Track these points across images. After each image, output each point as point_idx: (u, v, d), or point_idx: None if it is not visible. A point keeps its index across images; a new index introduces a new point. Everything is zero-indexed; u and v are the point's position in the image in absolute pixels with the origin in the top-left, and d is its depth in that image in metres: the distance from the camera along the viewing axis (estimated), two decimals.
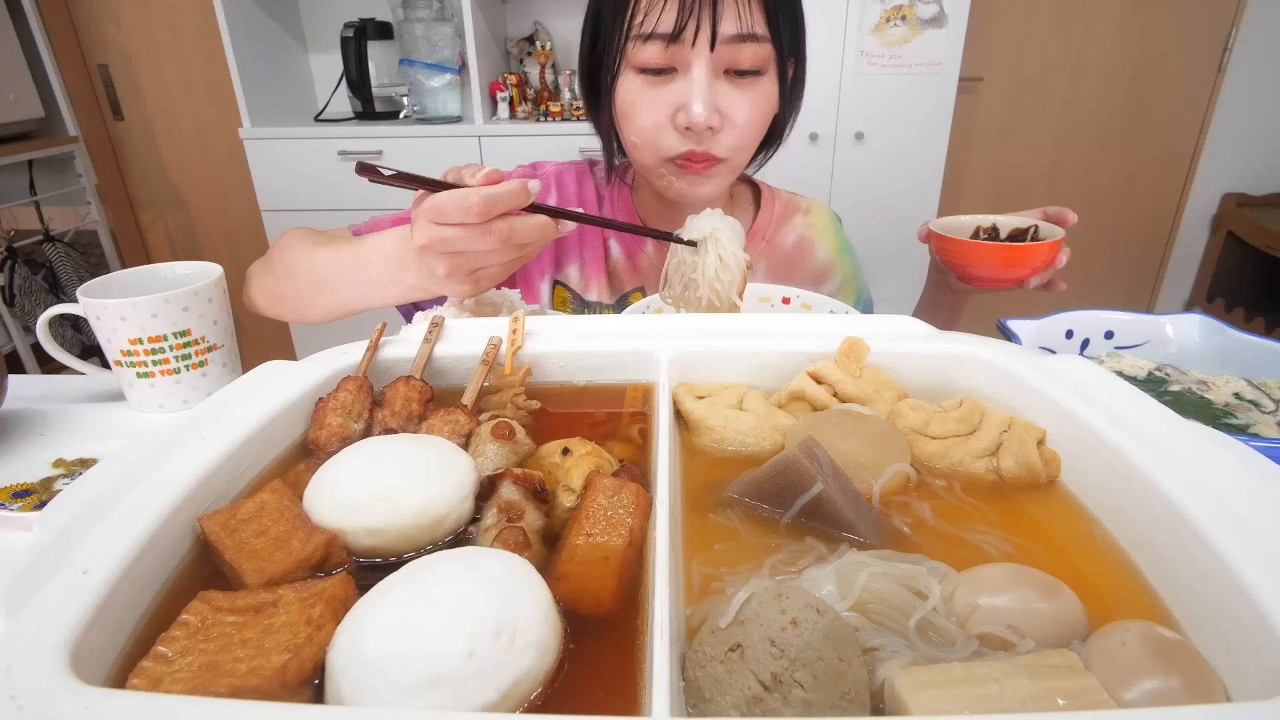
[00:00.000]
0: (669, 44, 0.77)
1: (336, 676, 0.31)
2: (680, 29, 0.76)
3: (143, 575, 0.36)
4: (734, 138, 0.83)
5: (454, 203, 0.60)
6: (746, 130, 0.84)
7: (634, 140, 0.86)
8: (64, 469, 0.62)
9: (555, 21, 2.71)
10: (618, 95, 0.85)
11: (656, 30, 0.77)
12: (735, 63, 0.79)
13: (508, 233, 0.62)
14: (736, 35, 0.77)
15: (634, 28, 0.79)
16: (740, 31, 0.77)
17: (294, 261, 0.82)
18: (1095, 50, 2.77)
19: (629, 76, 0.83)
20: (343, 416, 0.52)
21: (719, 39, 0.76)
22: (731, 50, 0.78)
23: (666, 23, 0.77)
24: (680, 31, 0.76)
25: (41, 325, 0.73)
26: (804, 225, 1.04)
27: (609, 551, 0.38)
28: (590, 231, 0.99)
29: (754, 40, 0.78)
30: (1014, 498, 0.47)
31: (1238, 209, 2.88)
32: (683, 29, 0.76)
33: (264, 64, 2.54)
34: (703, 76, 0.78)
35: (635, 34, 0.79)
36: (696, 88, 0.78)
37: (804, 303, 0.82)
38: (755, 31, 0.77)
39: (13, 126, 2.61)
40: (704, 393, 0.55)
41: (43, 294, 2.64)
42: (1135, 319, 0.79)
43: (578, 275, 0.99)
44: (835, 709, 0.29)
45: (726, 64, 0.79)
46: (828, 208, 1.09)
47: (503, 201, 0.61)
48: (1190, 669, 0.31)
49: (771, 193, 1.06)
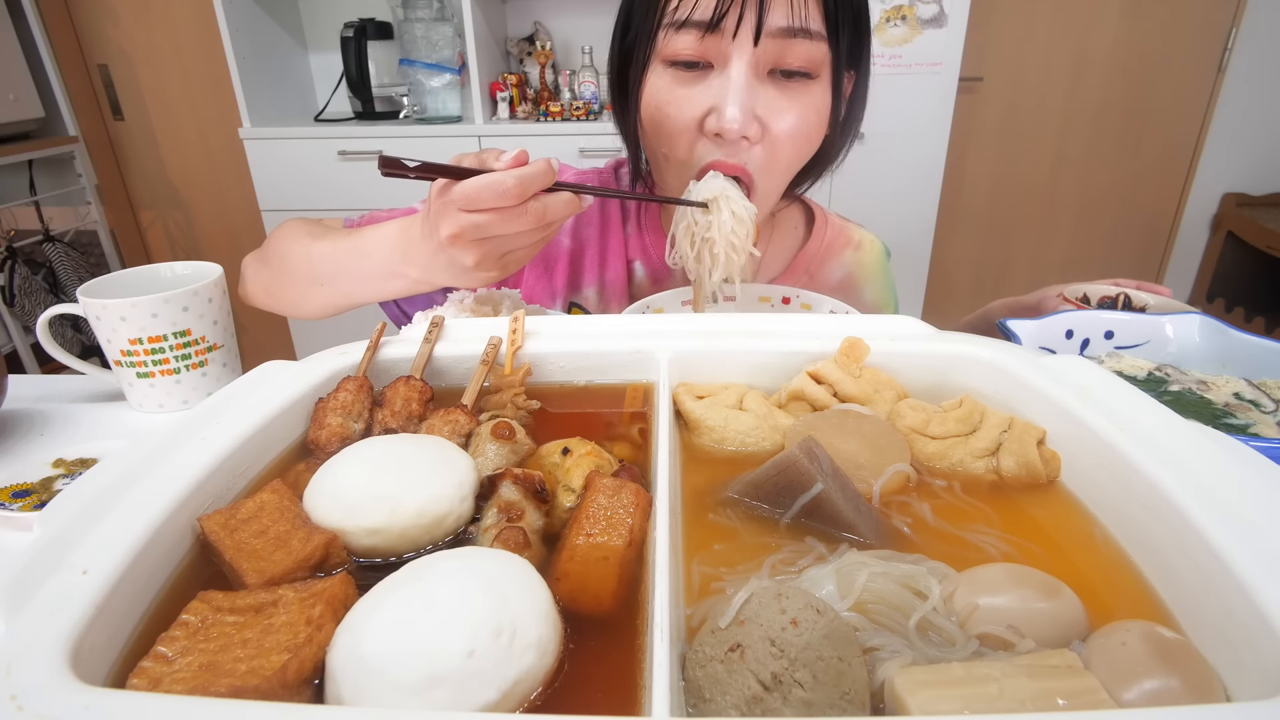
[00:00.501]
0: (705, 34, 0.67)
1: (336, 676, 0.31)
2: (720, 17, 0.66)
3: (143, 575, 0.36)
4: (770, 153, 0.73)
5: (488, 187, 0.57)
6: (787, 145, 0.73)
7: (664, 153, 0.76)
8: (64, 469, 0.62)
9: (555, 21, 2.71)
10: (645, 93, 0.75)
11: (692, 17, 0.67)
12: (782, 61, 0.68)
13: (541, 211, 0.59)
14: (785, 29, 0.66)
15: (667, 13, 0.69)
16: (790, 24, 0.66)
17: (290, 254, 0.80)
18: (1095, 50, 2.77)
19: (658, 71, 0.73)
20: (343, 416, 0.52)
21: (764, 31, 0.66)
22: (779, 46, 0.67)
23: (705, 8, 0.66)
24: (720, 20, 0.66)
25: (41, 325, 0.73)
26: (853, 261, 0.95)
27: (609, 551, 0.38)
28: (612, 252, 0.92)
29: (806, 36, 0.67)
30: (1014, 498, 0.47)
31: (1238, 209, 2.88)
32: (723, 16, 0.66)
33: (264, 64, 2.54)
34: (742, 75, 0.68)
35: (668, 20, 0.69)
36: (733, 88, 0.68)
37: (804, 303, 0.82)
38: (809, 26, 0.67)
39: (13, 126, 2.61)
40: (704, 393, 0.55)
41: (43, 294, 2.64)
42: (1135, 319, 0.78)
43: (596, 297, 0.93)
44: (835, 709, 0.29)
45: (772, 62, 0.69)
46: (880, 243, 0.99)
47: (536, 181, 0.58)
48: (1190, 669, 0.31)
49: (824, 218, 0.96)
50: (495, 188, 0.57)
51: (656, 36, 0.71)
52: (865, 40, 0.75)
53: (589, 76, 2.55)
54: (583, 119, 2.49)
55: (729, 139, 0.70)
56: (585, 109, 2.51)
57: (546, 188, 0.60)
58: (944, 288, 3.14)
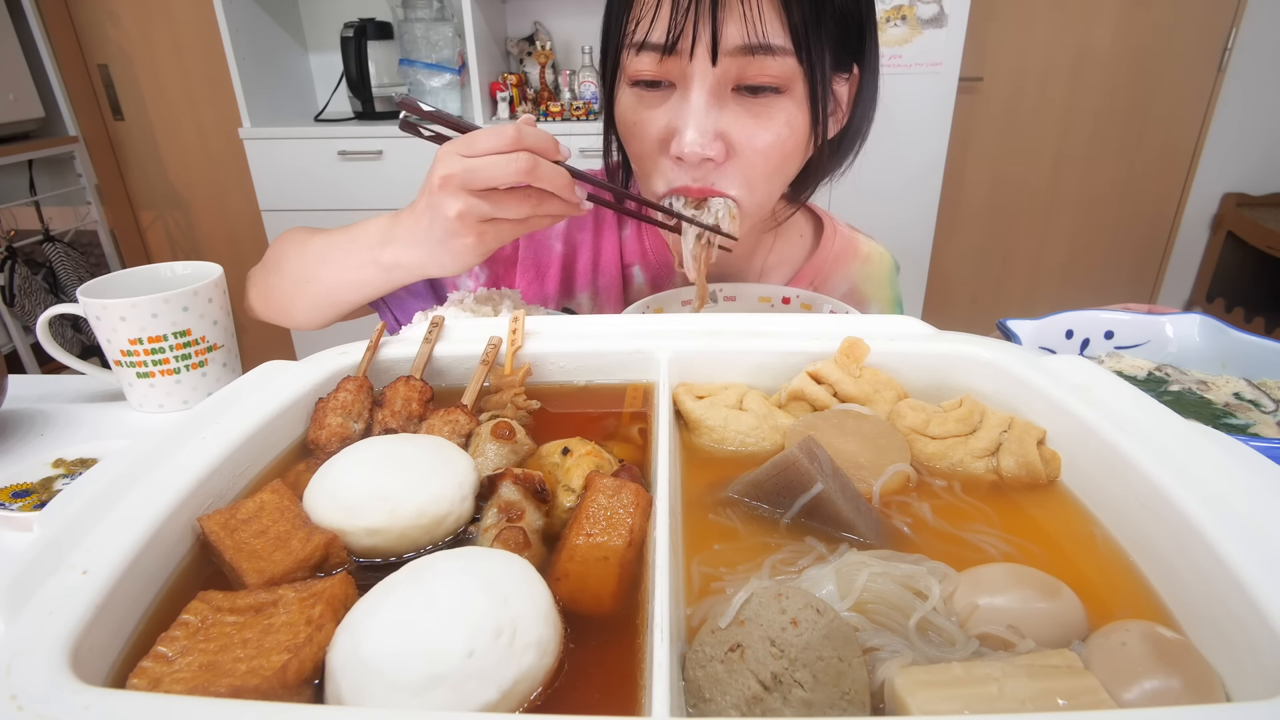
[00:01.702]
0: (664, 56, 0.66)
1: (336, 676, 0.31)
2: (675, 39, 0.64)
3: (143, 575, 0.36)
4: (743, 171, 0.70)
5: (487, 131, 0.60)
6: (759, 162, 0.70)
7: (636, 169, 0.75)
8: (64, 469, 0.62)
9: (555, 21, 2.71)
10: (616, 110, 0.74)
11: (649, 39, 0.65)
12: (745, 78, 0.66)
13: (530, 166, 0.59)
14: (743, 46, 0.63)
15: (626, 34, 0.67)
16: (748, 42, 0.63)
17: (286, 253, 0.79)
18: (1095, 50, 2.77)
19: (625, 90, 0.71)
20: (343, 416, 0.52)
21: (721, 50, 0.63)
22: (739, 64, 0.65)
23: (659, 31, 0.64)
24: (675, 42, 0.64)
25: (41, 325, 0.73)
26: (860, 275, 0.92)
27: (609, 551, 0.38)
28: (606, 257, 0.90)
29: (768, 53, 0.64)
30: (1014, 498, 0.47)
31: (1238, 209, 2.88)
32: (678, 38, 0.64)
33: (264, 64, 2.54)
34: (701, 97, 0.65)
35: (628, 42, 0.67)
36: (692, 110, 0.66)
37: (804, 303, 0.82)
38: (770, 42, 0.63)
39: (13, 126, 2.61)
40: (704, 393, 0.55)
41: (43, 294, 2.64)
42: (1135, 319, 0.78)
43: (589, 303, 0.91)
44: (835, 709, 0.29)
45: (735, 80, 0.66)
46: (889, 256, 0.96)
47: (537, 138, 0.60)
48: (1190, 669, 0.31)
49: (833, 228, 0.93)
50: (493, 130, 0.60)
51: (620, 56, 0.70)
52: (863, 41, 0.71)
53: (589, 76, 2.55)
54: (583, 119, 2.49)
55: (690, 162, 0.68)
56: (585, 109, 2.51)
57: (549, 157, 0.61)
58: (944, 287, 3.14)
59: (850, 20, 0.68)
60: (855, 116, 0.77)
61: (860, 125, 0.78)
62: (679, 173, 0.70)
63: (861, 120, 0.77)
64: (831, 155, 0.79)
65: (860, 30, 0.70)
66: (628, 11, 0.67)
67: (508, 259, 0.90)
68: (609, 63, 0.73)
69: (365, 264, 0.71)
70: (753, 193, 0.72)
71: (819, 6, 0.64)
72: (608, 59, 0.73)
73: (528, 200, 0.62)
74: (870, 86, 0.75)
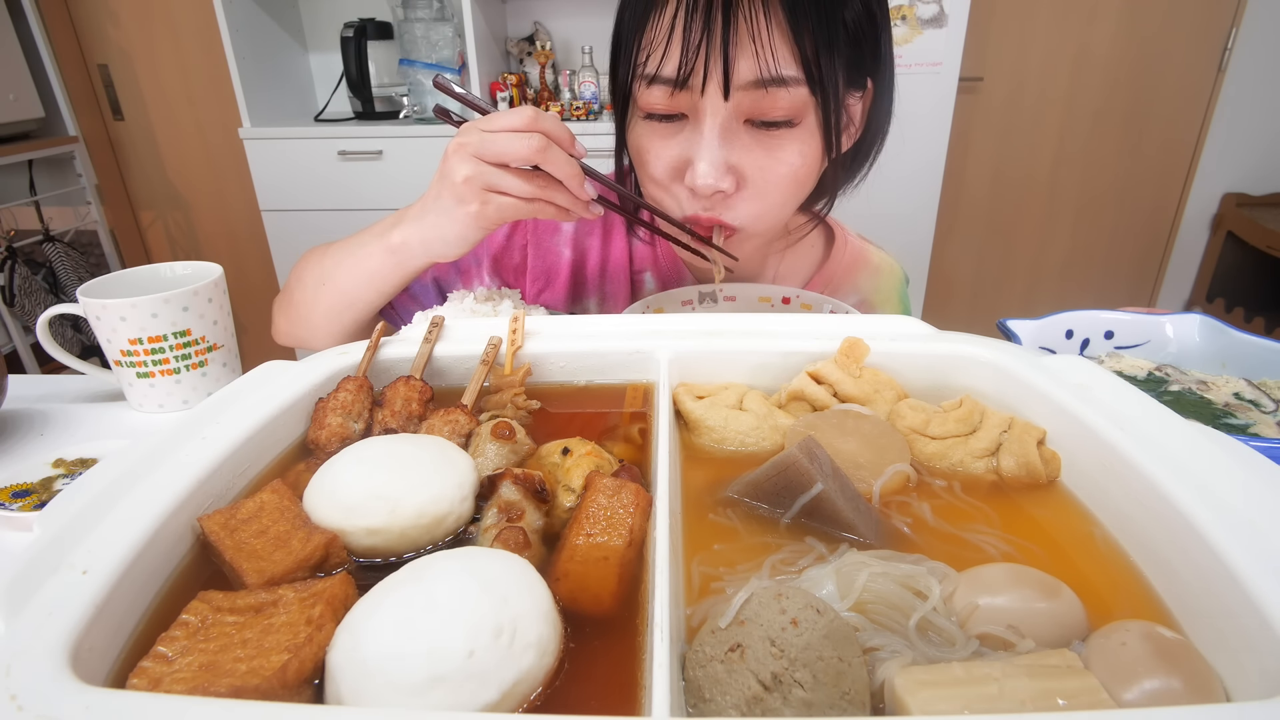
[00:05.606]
0: (675, 90, 0.65)
1: (336, 676, 0.31)
2: (688, 74, 0.63)
3: (143, 575, 0.36)
4: (753, 204, 0.70)
5: (508, 110, 0.63)
6: (772, 193, 0.70)
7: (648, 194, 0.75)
8: (64, 469, 0.62)
9: (555, 21, 2.71)
10: (629, 138, 0.74)
11: (660, 73, 0.65)
12: (758, 112, 0.65)
13: (543, 146, 0.61)
14: (756, 81, 0.63)
15: (638, 66, 0.67)
16: (761, 76, 0.62)
17: (305, 269, 0.80)
18: (1095, 50, 2.77)
19: (638, 120, 0.71)
20: (343, 416, 0.52)
21: (734, 85, 0.63)
22: (752, 98, 0.64)
23: (671, 65, 0.64)
24: (687, 76, 0.63)
25: (41, 325, 0.73)
26: (869, 286, 0.91)
27: (609, 551, 0.38)
28: (616, 264, 0.90)
29: (781, 85, 0.63)
30: (1014, 498, 0.47)
31: (1238, 209, 2.88)
32: (690, 73, 0.63)
33: (264, 64, 2.54)
34: (714, 130, 0.65)
35: (640, 74, 0.67)
36: (705, 144, 0.66)
37: (804, 303, 0.82)
38: (783, 74, 0.62)
39: (13, 126, 2.61)
40: (704, 393, 0.55)
41: (43, 294, 2.64)
42: (1135, 319, 0.78)
43: (597, 310, 0.91)
44: (835, 709, 0.29)
45: (748, 113, 0.66)
46: (900, 268, 0.95)
47: (554, 125, 0.63)
48: (1190, 669, 0.31)
49: (844, 238, 0.92)
50: (515, 110, 0.63)
51: (633, 88, 0.70)
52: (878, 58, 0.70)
53: (589, 76, 2.55)
54: (583, 119, 2.49)
55: (702, 194, 0.69)
56: (585, 109, 2.51)
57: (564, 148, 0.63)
58: (944, 287, 3.14)
59: (865, 40, 0.67)
60: (870, 129, 0.76)
61: (875, 137, 0.77)
62: (691, 202, 0.71)
63: (876, 132, 0.77)
64: (845, 169, 0.78)
65: (875, 46, 0.68)
66: (637, 41, 0.67)
67: (517, 266, 0.90)
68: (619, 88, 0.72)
69: (375, 251, 0.72)
70: (762, 220, 0.73)
71: (831, 33, 0.63)
72: (617, 82, 0.72)
73: (535, 180, 0.64)
74: (885, 99, 0.74)
